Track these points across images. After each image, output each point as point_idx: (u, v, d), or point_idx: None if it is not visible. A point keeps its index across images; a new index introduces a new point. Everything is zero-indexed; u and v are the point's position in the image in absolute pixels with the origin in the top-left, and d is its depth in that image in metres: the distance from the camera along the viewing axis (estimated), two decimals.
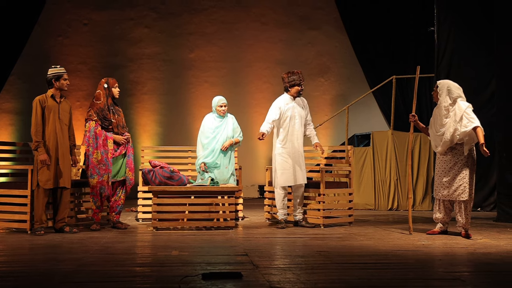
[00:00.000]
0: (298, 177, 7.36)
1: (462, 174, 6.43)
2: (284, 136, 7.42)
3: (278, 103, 7.48)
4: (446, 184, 6.50)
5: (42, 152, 6.60)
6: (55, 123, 6.75)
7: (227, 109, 7.84)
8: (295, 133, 7.42)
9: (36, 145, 6.63)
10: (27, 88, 12.66)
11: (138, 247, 5.90)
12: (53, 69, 6.86)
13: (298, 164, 7.37)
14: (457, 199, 6.44)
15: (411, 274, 4.51)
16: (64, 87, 6.85)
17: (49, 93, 6.81)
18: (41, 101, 6.73)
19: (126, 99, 12.72)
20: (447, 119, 6.50)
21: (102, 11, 13.37)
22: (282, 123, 7.43)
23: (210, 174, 7.64)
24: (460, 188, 6.41)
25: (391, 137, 10.29)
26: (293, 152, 7.38)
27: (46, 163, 6.59)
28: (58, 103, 6.81)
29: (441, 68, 9.32)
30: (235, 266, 4.69)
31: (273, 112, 7.44)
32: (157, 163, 7.82)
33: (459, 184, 6.42)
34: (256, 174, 13.35)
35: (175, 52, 13.59)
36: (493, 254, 5.40)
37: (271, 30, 13.85)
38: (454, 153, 6.50)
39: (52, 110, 6.74)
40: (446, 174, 6.52)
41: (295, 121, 7.43)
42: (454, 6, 9.37)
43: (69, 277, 4.27)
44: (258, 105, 13.54)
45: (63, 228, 6.78)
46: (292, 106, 7.45)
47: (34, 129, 6.67)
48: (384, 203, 10.23)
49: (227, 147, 7.73)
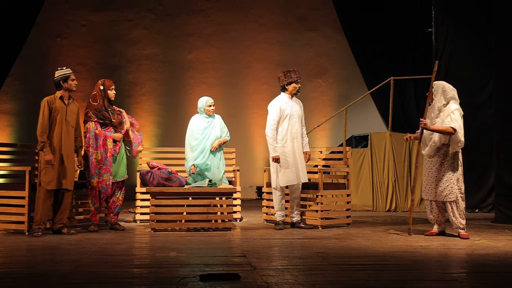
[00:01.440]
0: (300, 176, 7.35)
1: (448, 175, 6.49)
2: (283, 135, 7.39)
3: (277, 102, 7.46)
4: (433, 185, 6.58)
5: (48, 152, 6.62)
6: (62, 124, 6.79)
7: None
8: (294, 131, 7.41)
9: (42, 145, 6.65)
10: (25, 89, 12.65)
11: (136, 249, 5.90)
12: (59, 71, 6.92)
13: (300, 162, 7.37)
14: (445, 200, 6.49)
15: (409, 275, 4.51)
16: (72, 87, 6.90)
17: (58, 94, 6.86)
18: (49, 102, 6.77)
19: (124, 100, 12.70)
20: (438, 120, 6.55)
21: (100, 12, 13.36)
22: (282, 122, 7.41)
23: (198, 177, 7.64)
24: (447, 189, 6.47)
25: (389, 139, 10.30)
26: (293, 151, 7.37)
27: (51, 163, 6.61)
28: (66, 105, 6.85)
29: (439, 68, 9.33)
30: (233, 268, 4.69)
31: (274, 113, 7.40)
32: (155, 164, 7.81)
33: (446, 185, 6.48)
34: (254, 175, 13.34)
35: (173, 53, 13.59)
36: (491, 255, 5.40)
37: (269, 31, 13.86)
38: (439, 155, 6.56)
39: (59, 112, 6.78)
40: (432, 175, 6.60)
41: (294, 119, 7.42)
42: (452, 8, 9.39)
43: (67, 279, 4.26)
44: (256, 106, 13.53)
45: (61, 229, 6.77)
46: (290, 105, 7.45)
47: (40, 130, 6.69)
48: (382, 205, 10.23)
49: (216, 147, 7.74)
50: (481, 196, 9.46)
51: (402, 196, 10.17)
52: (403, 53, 12.29)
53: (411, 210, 7.01)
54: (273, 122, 7.38)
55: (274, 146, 7.35)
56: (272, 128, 7.39)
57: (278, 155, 7.32)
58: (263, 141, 13.64)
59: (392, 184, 10.20)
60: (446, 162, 6.52)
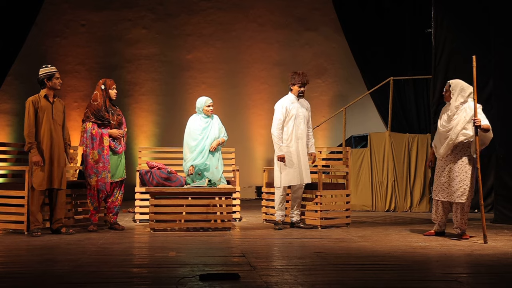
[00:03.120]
0: (303, 177, 7.34)
1: (462, 175, 6.36)
2: (289, 135, 7.39)
3: (283, 102, 7.47)
4: (446, 185, 6.46)
5: (35, 153, 6.55)
6: (49, 123, 6.68)
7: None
8: (300, 132, 7.40)
9: (29, 146, 6.57)
10: (24, 89, 12.61)
11: (135, 248, 5.90)
12: (44, 69, 6.79)
13: (304, 163, 7.36)
14: (456, 201, 6.40)
15: (409, 275, 4.51)
16: (56, 86, 6.77)
17: (42, 93, 6.74)
18: (34, 102, 6.65)
19: (123, 100, 12.70)
20: (456, 117, 6.40)
21: (99, 12, 13.36)
22: (287, 122, 7.41)
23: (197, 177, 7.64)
24: (460, 190, 6.35)
25: (388, 139, 10.30)
26: (298, 152, 7.36)
27: (39, 164, 6.54)
28: (51, 103, 6.75)
29: (439, 69, 9.34)
30: (232, 268, 4.69)
31: (280, 112, 7.40)
32: (154, 164, 7.81)
33: (459, 186, 6.36)
34: (254, 175, 13.35)
35: (172, 53, 13.60)
36: (491, 255, 5.40)
37: (268, 31, 13.86)
38: (455, 154, 6.44)
39: (45, 111, 6.67)
40: (446, 175, 6.47)
41: (300, 120, 7.42)
42: (452, 7, 9.37)
43: (66, 278, 4.26)
44: (256, 106, 13.54)
45: (60, 229, 6.76)
46: (296, 106, 7.45)
47: (27, 130, 6.60)
48: (381, 205, 10.24)
49: (215, 147, 7.74)
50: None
51: (401, 196, 10.17)
52: (402, 53, 12.30)
53: (483, 215, 6.40)
54: (279, 121, 7.39)
55: (279, 145, 7.36)
56: (278, 128, 7.39)
57: (283, 154, 7.32)
58: (262, 141, 13.70)
59: (391, 184, 10.20)
60: (461, 163, 6.39)
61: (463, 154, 6.41)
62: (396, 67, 12.00)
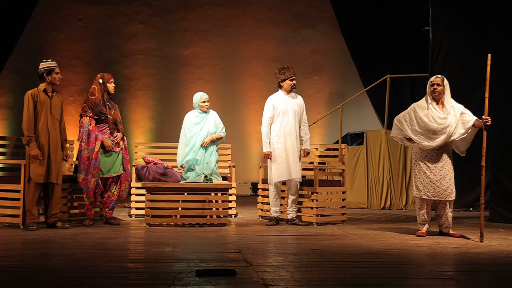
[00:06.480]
0: (292, 172, 7.34)
1: (450, 173, 6.41)
2: (277, 131, 7.40)
3: (271, 99, 7.50)
4: (437, 183, 6.42)
5: (34, 147, 6.54)
6: (47, 117, 6.68)
7: (209, 104, 7.87)
8: (289, 127, 7.40)
9: (28, 139, 6.56)
10: (20, 83, 12.59)
11: (131, 243, 5.89)
12: (44, 63, 6.78)
13: (293, 158, 7.36)
14: (447, 199, 6.40)
15: (404, 273, 4.52)
16: (56, 81, 6.77)
17: (41, 87, 6.73)
18: (33, 96, 6.65)
19: (120, 95, 12.67)
20: (447, 115, 6.38)
21: (96, 6, 13.33)
22: (275, 119, 7.42)
23: (190, 172, 7.64)
24: (450, 188, 6.39)
25: (384, 136, 10.30)
26: (287, 147, 7.36)
27: (38, 158, 6.53)
28: (50, 97, 6.74)
29: (436, 67, 9.33)
30: (229, 263, 4.69)
31: (267, 110, 7.45)
32: (150, 159, 7.81)
33: (449, 184, 6.38)
34: (249, 171, 13.35)
35: (169, 49, 13.58)
36: (486, 254, 5.42)
37: (266, 27, 13.86)
38: (440, 151, 6.43)
39: (44, 105, 6.66)
40: (435, 174, 6.43)
41: (288, 115, 7.41)
42: (449, 5, 9.37)
43: (61, 273, 4.25)
44: (252, 103, 13.54)
45: (56, 223, 6.74)
46: (285, 101, 7.44)
47: (26, 124, 6.59)
48: (376, 202, 10.25)
49: (208, 142, 7.72)
50: (475, 195, 9.44)
51: (396, 194, 10.19)
52: (399, 51, 12.32)
53: (482, 213, 6.35)
54: (267, 118, 7.43)
55: (265, 142, 7.39)
56: (266, 125, 7.42)
57: (269, 151, 7.35)
58: (258, 138, 13.55)
59: (387, 182, 10.22)
60: (447, 161, 6.41)
61: (447, 152, 6.46)
62: (393, 64, 12.01)
